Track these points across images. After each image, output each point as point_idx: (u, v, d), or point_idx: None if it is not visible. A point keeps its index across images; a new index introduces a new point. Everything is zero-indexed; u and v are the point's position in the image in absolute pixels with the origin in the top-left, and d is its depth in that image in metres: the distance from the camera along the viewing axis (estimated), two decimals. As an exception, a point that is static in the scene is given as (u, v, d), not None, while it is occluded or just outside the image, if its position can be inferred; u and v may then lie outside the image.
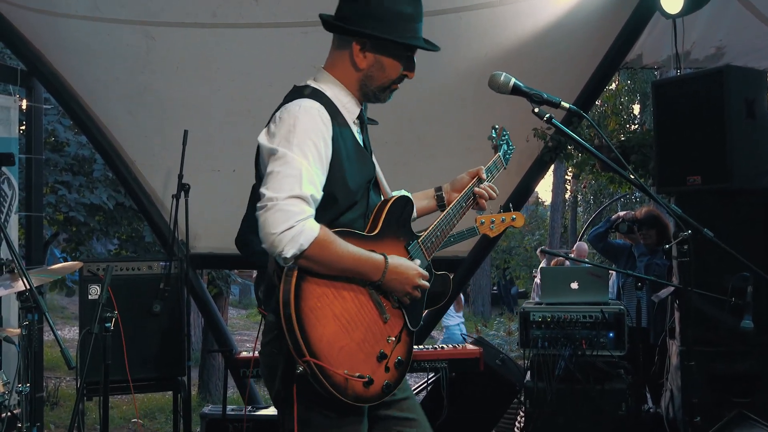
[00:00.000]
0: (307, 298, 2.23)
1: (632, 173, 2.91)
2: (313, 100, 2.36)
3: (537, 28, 5.33)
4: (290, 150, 2.24)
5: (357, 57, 2.45)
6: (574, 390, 4.67)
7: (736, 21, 5.97)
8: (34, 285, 3.14)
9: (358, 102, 2.52)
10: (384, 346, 2.38)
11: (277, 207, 2.16)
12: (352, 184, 2.40)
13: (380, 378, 2.34)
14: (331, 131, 2.34)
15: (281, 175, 2.21)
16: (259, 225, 2.19)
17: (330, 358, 2.22)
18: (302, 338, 2.18)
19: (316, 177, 2.27)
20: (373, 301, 2.38)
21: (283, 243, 2.15)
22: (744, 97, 4.39)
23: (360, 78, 2.48)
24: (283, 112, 2.34)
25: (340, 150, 2.36)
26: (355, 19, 2.43)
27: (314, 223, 2.22)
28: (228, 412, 4.88)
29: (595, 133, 5.51)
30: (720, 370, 4.34)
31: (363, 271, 2.33)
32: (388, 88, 2.52)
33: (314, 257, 2.21)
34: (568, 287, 5.08)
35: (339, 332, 2.26)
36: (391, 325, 2.43)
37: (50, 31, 5.77)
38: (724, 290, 3.81)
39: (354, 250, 2.30)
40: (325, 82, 2.49)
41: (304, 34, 5.33)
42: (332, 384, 2.21)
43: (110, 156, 6.44)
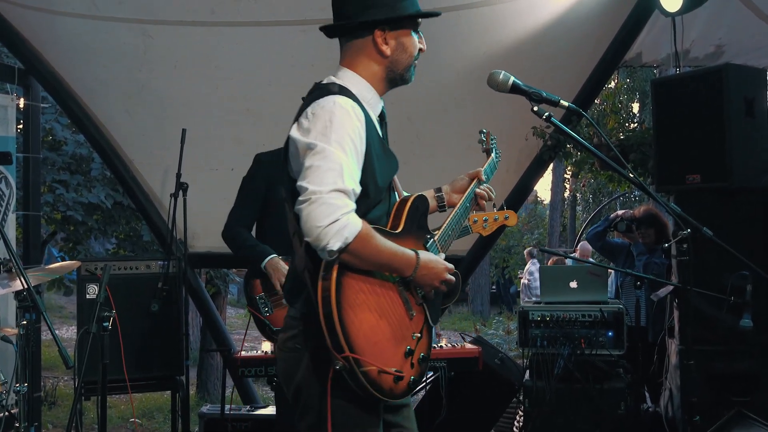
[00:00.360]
0: (347, 294, 2.25)
1: (631, 172, 2.91)
2: (345, 96, 2.38)
3: (536, 27, 5.33)
4: (329, 144, 2.24)
5: (381, 46, 2.47)
6: (573, 389, 4.68)
7: (735, 19, 5.97)
8: (31, 284, 3.14)
9: (379, 97, 2.55)
10: (410, 343, 2.41)
11: (321, 200, 2.17)
12: (381, 180, 2.44)
13: (408, 374, 2.38)
14: (365, 128, 2.37)
15: (322, 169, 2.22)
16: (302, 218, 2.20)
17: (366, 353, 2.24)
18: (342, 334, 2.20)
19: (355, 172, 2.29)
20: (401, 298, 2.42)
21: (329, 236, 2.15)
22: (744, 95, 4.39)
23: (386, 65, 2.51)
24: (316, 107, 2.34)
25: (371, 146, 2.39)
26: (362, 11, 2.46)
27: (357, 217, 2.23)
28: (226, 411, 4.88)
29: (594, 132, 5.52)
30: (719, 369, 4.35)
31: (397, 266, 2.36)
32: (411, 66, 2.55)
33: (356, 251, 2.22)
34: (567, 286, 5.08)
35: (374, 328, 2.30)
36: (416, 321, 2.46)
37: (48, 30, 5.76)
38: (723, 289, 3.82)
39: (391, 246, 2.32)
40: (348, 79, 2.49)
41: (303, 32, 5.34)
42: (367, 379, 2.24)
43: (108, 155, 6.43)
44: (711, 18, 5.85)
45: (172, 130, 5.40)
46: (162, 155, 6.10)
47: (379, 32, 2.46)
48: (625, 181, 5.94)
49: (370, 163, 2.37)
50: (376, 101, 2.53)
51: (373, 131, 2.44)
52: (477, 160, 3.11)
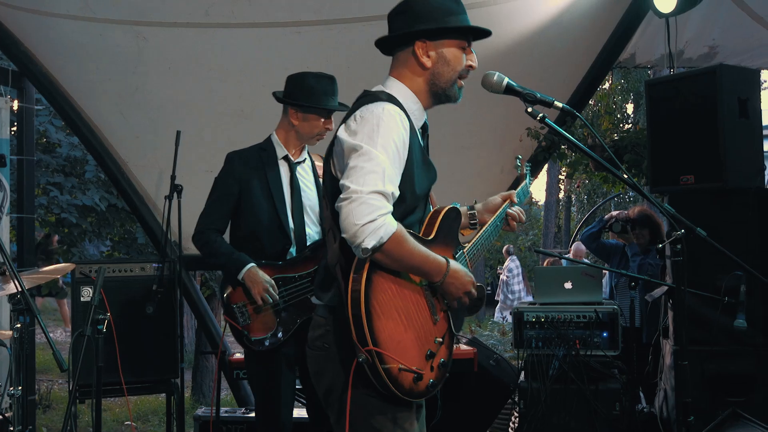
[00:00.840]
0: (376, 291, 2.34)
1: (626, 172, 2.93)
2: (393, 104, 2.47)
3: (530, 28, 5.34)
4: (374, 147, 2.34)
5: (422, 57, 2.56)
6: (568, 390, 4.68)
7: (729, 20, 5.99)
8: (25, 287, 3.13)
9: (424, 110, 2.64)
10: (432, 346, 2.47)
11: (362, 200, 2.26)
12: (419, 188, 2.53)
13: (427, 376, 2.44)
14: (409, 136, 2.45)
15: (365, 170, 2.31)
16: (341, 215, 2.29)
17: (389, 349, 2.32)
18: (368, 328, 2.28)
19: (395, 176, 2.38)
20: (427, 302, 2.49)
21: (365, 234, 2.24)
22: (737, 96, 4.40)
23: (428, 78, 2.59)
24: (365, 111, 2.43)
25: (412, 154, 2.47)
26: (408, 25, 2.56)
27: (393, 219, 2.32)
28: (221, 414, 4.87)
29: (588, 133, 5.52)
30: (713, 370, 4.36)
31: (427, 271, 2.42)
32: (455, 83, 2.61)
33: (390, 251, 2.31)
34: (561, 287, 5.09)
35: (398, 327, 2.37)
36: (439, 327, 2.53)
37: (41, 32, 5.76)
38: (717, 289, 3.83)
39: (423, 250, 2.40)
40: (395, 89, 2.59)
41: (297, 33, 5.34)
42: (388, 374, 2.31)
43: (102, 157, 6.43)
44: (705, 19, 5.87)
45: (167, 131, 5.39)
46: (156, 157, 6.09)
47: (420, 44, 2.56)
48: (619, 182, 5.94)
49: (410, 171, 2.46)
50: (421, 113, 2.63)
51: (416, 141, 2.52)
52: (471, 158, 3.15)
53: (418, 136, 2.57)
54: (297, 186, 3.77)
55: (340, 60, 5.42)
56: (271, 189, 3.70)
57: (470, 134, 5.77)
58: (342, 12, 5.21)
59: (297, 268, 3.66)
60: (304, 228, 3.73)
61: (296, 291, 3.64)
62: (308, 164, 3.89)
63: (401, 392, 2.35)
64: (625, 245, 6.53)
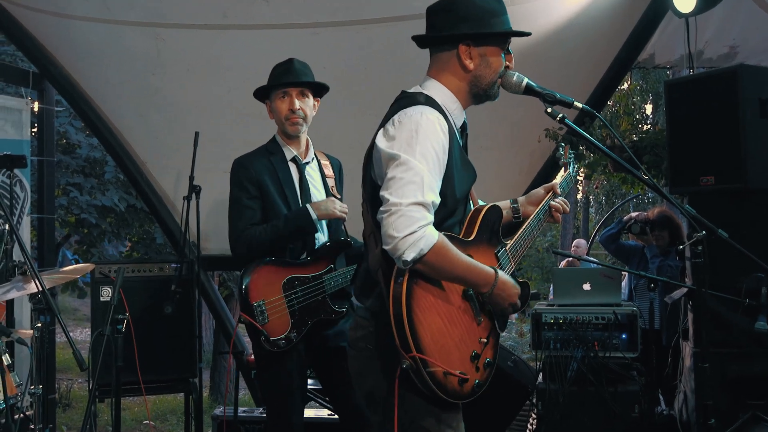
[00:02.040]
0: (417, 297, 2.32)
1: (645, 173, 2.90)
2: (432, 108, 2.45)
3: (549, 28, 5.32)
4: (413, 156, 2.32)
5: (465, 60, 2.55)
6: (586, 392, 4.66)
7: (749, 20, 5.95)
8: (46, 287, 3.15)
9: (463, 109, 2.63)
10: (476, 347, 2.47)
11: (401, 212, 2.26)
12: (459, 191, 2.51)
13: (473, 377, 2.44)
14: (448, 139, 2.43)
15: (404, 181, 2.30)
16: (382, 228, 2.29)
17: (433, 354, 2.31)
18: (411, 334, 2.27)
19: (435, 184, 2.37)
20: (470, 304, 2.47)
21: (405, 246, 2.24)
22: (758, 96, 4.36)
23: (470, 80, 2.58)
24: (403, 116, 2.41)
25: (453, 158, 2.46)
26: (452, 25, 2.54)
27: (434, 230, 2.31)
28: (240, 413, 4.89)
29: (607, 133, 5.49)
30: (734, 372, 4.32)
31: (474, 281, 2.42)
32: (495, 83, 2.61)
33: (431, 263, 2.30)
34: (580, 288, 5.07)
35: (441, 330, 2.36)
36: (483, 327, 2.52)
37: (61, 34, 5.80)
38: (738, 291, 3.80)
39: (467, 260, 2.39)
40: (434, 89, 2.57)
41: (314, 34, 5.35)
42: (433, 379, 2.31)
43: (121, 158, 6.46)
44: (725, 19, 5.83)
45: (185, 132, 5.42)
46: (175, 158, 6.11)
47: (464, 47, 2.54)
48: (638, 182, 5.90)
49: (450, 174, 2.45)
50: (460, 112, 2.61)
51: (455, 142, 2.50)
52: (491, 159, 3.14)
53: (457, 136, 2.55)
54: (306, 188, 3.74)
55: (356, 61, 5.42)
56: (285, 191, 3.68)
57: (488, 135, 5.74)
58: (358, 14, 5.21)
59: (309, 269, 3.65)
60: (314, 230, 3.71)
61: (310, 292, 3.62)
62: (315, 164, 3.86)
63: (447, 395, 2.35)
64: (644, 246, 6.49)
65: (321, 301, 3.64)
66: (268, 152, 3.76)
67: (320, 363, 3.75)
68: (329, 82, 3.94)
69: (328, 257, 3.69)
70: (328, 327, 3.68)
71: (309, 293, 3.62)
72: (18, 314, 5.59)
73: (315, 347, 3.67)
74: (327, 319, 3.66)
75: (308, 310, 3.61)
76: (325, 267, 3.67)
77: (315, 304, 3.63)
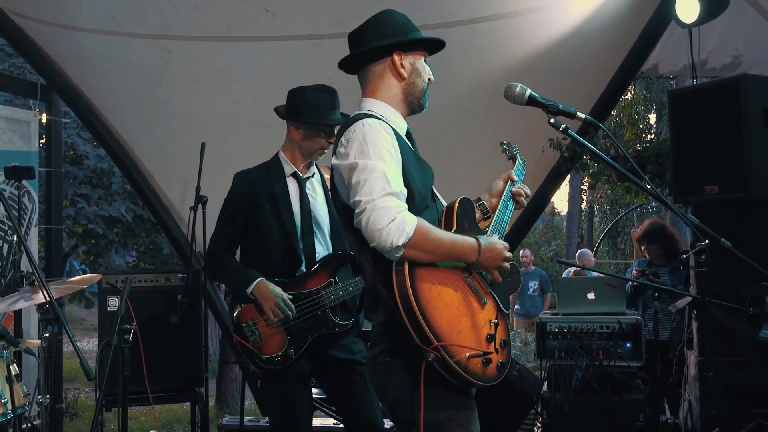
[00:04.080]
0: (422, 291, 2.35)
1: (649, 183, 2.91)
2: (372, 118, 2.54)
3: (552, 39, 5.34)
4: (369, 159, 2.41)
5: (399, 69, 2.64)
6: (591, 401, 4.65)
7: (752, 29, 5.95)
8: (53, 297, 3.16)
9: (404, 119, 2.70)
10: (489, 329, 2.51)
11: (376, 206, 2.33)
12: (422, 187, 2.58)
13: (495, 358, 2.48)
14: (396, 139, 2.52)
15: (369, 180, 2.38)
16: (363, 228, 2.35)
17: (452, 340, 2.35)
18: (427, 326, 2.30)
19: (398, 176, 2.44)
20: (471, 288, 2.51)
21: (391, 234, 2.30)
22: (761, 106, 4.36)
23: (404, 88, 2.68)
24: (348, 133, 2.51)
25: (405, 156, 2.53)
26: (378, 39, 2.65)
27: (411, 214, 2.37)
28: (245, 422, 4.88)
29: (611, 143, 5.50)
30: (738, 381, 4.31)
31: (461, 253, 2.46)
32: (425, 92, 2.71)
33: (418, 244, 2.34)
34: (584, 298, 5.06)
35: (454, 318, 2.39)
36: (489, 309, 2.56)
37: (69, 46, 5.83)
38: (741, 300, 3.79)
39: (450, 235, 2.47)
40: (371, 106, 2.66)
41: (318, 46, 5.36)
42: (459, 365, 2.33)
43: (128, 169, 6.48)
44: (727, 29, 5.83)
45: (191, 143, 5.43)
46: (181, 169, 6.13)
47: (398, 54, 2.63)
48: (642, 192, 5.91)
49: (408, 171, 2.51)
50: (402, 122, 2.68)
51: (404, 144, 2.58)
52: (493, 168, 3.15)
53: (405, 140, 2.62)
54: (307, 202, 3.71)
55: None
56: (280, 207, 3.65)
57: (493, 144, 5.75)
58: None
59: (306, 284, 3.60)
60: (314, 245, 3.67)
61: (307, 307, 3.57)
62: (317, 178, 3.84)
63: (476, 378, 2.38)
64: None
65: (321, 316, 3.58)
66: (269, 168, 3.77)
67: (327, 376, 3.72)
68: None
69: (327, 271, 3.64)
70: (333, 341, 3.63)
71: (305, 309, 3.57)
72: (26, 324, 5.60)
73: (320, 362, 3.63)
74: (330, 333, 3.60)
75: (307, 325, 3.56)
76: (325, 281, 3.61)
77: (314, 320, 3.57)
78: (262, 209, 3.66)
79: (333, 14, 5.20)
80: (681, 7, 4.81)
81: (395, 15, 2.70)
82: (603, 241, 16.10)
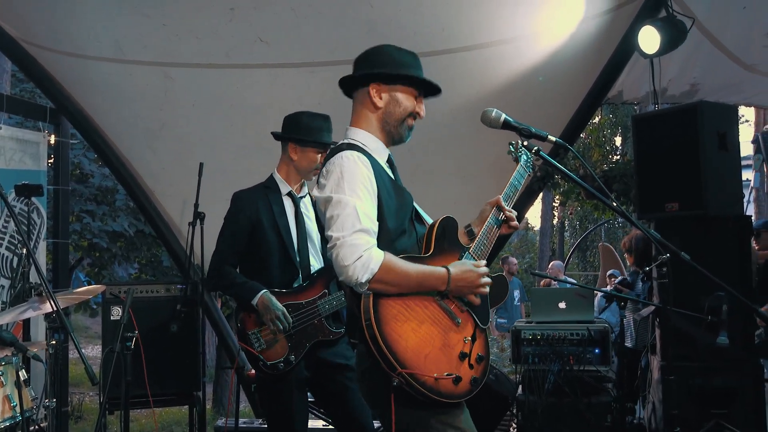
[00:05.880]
0: (386, 317, 2.33)
1: (615, 201, 2.93)
2: (351, 150, 2.51)
3: (526, 67, 5.37)
4: (343, 194, 2.40)
5: (374, 98, 2.62)
6: (562, 403, 4.66)
7: (708, 60, 6.01)
8: (60, 307, 3.14)
9: (384, 146, 2.67)
10: (463, 347, 2.45)
11: (346, 243, 2.32)
12: (398, 213, 2.54)
13: (467, 375, 2.42)
14: (372, 172, 2.49)
15: (341, 216, 2.37)
16: (333, 261, 2.35)
17: (419, 366, 2.30)
18: (390, 354, 2.27)
19: (371, 211, 2.43)
20: (443, 310, 2.45)
21: (357, 271, 2.29)
22: (717, 130, 4.41)
23: (380, 117, 2.64)
24: (329, 165, 2.50)
25: (381, 188, 2.50)
26: (368, 69, 2.64)
27: (379, 250, 2.35)
28: (240, 424, 4.85)
29: (580, 164, 5.54)
30: (698, 384, 4.33)
31: (430, 283, 2.42)
32: (404, 122, 2.65)
33: (384, 279, 2.32)
34: (556, 307, 5.07)
35: (421, 343, 2.34)
36: (464, 327, 2.49)
37: (77, 72, 5.81)
38: (700, 309, 3.81)
39: (418, 267, 2.41)
40: (354, 135, 2.64)
41: (311, 73, 5.38)
42: (425, 387, 2.30)
43: (131, 187, 6.46)
44: (686, 59, 5.89)
45: (191, 163, 5.42)
46: (181, 187, 6.11)
47: (374, 85, 2.62)
48: (609, 209, 5.94)
49: (382, 202, 2.48)
50: (382, 149, 2.66)
51: (383, 173, 2.55)
52: (471, 187, 3.15)
53: (384, 169, 2.60)
54: (302, 219, 3.76)
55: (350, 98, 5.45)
56: (278, 223, 3.68)
57: (472, 165, 5.78)
58: (352, 53, 5.20)
59: (303, 295, 3.63)
60: (308, 258, 3.72)
61: (304, 317, 3.60)
62: (308, 200, 3.88)
63: (445, 398, 2.34)
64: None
65: (317, 324, 3.61)
66: (266, 188, 3.80)
67: (321, 381, 3.71)
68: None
69: (321, 282, 3.69)
70: (327, 348, 3.66)
71: (303, 318, 3.60)
72: (34, 332, 5.56)
73: (316, 368, 3.64)
74: (325, 340, 3.63)
75: (305, 333, 3.59)
76: (320, 292, 3.66)
77: (311, 328, 3.61)
78: (263, 225, 3.68)
79: (324, 44, 5.22)
80: (643, 39, 4.86)
81: (391, 50, 2.67)
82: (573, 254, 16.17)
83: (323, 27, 5.09)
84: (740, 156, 4.80)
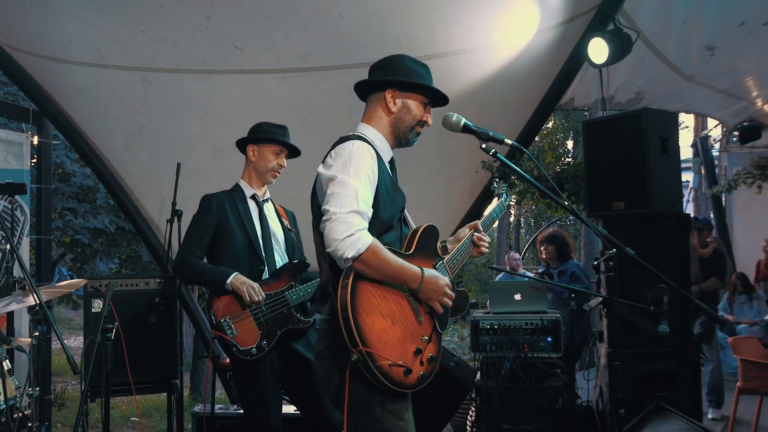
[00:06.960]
0: (361, 299, 2.36)
1: (566, 200, 2.95)
2: (362, 141, 2.55)
3: (484, 75, 5.40)
4: (348, 175, 2.42)
5: (389, 103, 2.66)
6: (518, 388, 4.69)
7: (652, 71, 6.11)
8: (43, 300, 3.10)
9: (390, 148, 2.71)
10: (419, 344, 2.48)
11: (340, 219, 2.33)
12: (390, 209, 2.58)
13: (417, 369, 2.44)
14: (377, 165, 2.53)
15: (341, 194, 2.38)
16: (324, 234, 2.36)
17: (378, 348, 2.33)
18: (356, 331, 2.30)
19: (369, 198, 2.46)
20: (410, 305, 2.49)
21: (345, 246, 2.31)
22: (659, 135, 4.48)
23: (392, 121, 2.69)
24: (339, 148, 2.52)
25: (381, 181, 2.54)
26: (384, 76, 2.67)
27: (368, 234, 2.38)
28: (216, 410, 4.82)
29: (534, 166, 5.58)
30: (641, 369, 4.40)
31: (404, 279, 2.45)
32: (414, 129, 2.70)
33: (368, 261, 2.34)
34: (512, 298, 5.11)
35: (385, 328, 2.38)
36: (425, 326, 2.53)
37: (59, 76, 5.72)
38: (644, 300, 3.88)
39: (398, 260, 2.44)
40: (365, 131, 2.67)
41: (282, 78, 5.35)
42: (379, 370, 2.32)
43: (111, 186, 6.38)
44: (632, 69, 5.98)
45: (168, 163, 5.37)
46: (159, 186, 6.06)
47: (390, 90, 2.65)
48: (561, 207, 6.00)
49: (379, 194, 2.52)
50: (388, 150, 2.70)
51: (384, 170, 2.59)
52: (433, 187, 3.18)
53: (386, 166, 2.63)
54: (265, 219, 3.81)
55: (319, 102, 5.44)
56: (244, 221, 3.73)
57: (434, 167, 5.79)
58: (322, 61, 5.24)
59: (271, 287, 3.66)
60: (273, 254, 3.76)
61: (275, 305, 3.62)
62: (271, 205, 3.93)
63: (394, 385, 2.36)
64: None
65: (287, 314, 3.65)
66: (232, 191, 3.87)
67: (291, 371, 3.70)
68: (295, 122, 4.03)
69: (288, 276, 3.73)
70: (297, 337, 3.69)
71: (273, 307, 3.62)
72: (18, 324, 5.47)
73: (285, 354, 3.65)
74: (295, 328, 3.66)
75: (275, 321, 3.61)
76: (287, 284, 3.70)
77: (281, 317, 3.63)
78: (230, 223, 3.72)
79: (295, 51, 5.20)
80: (593, 50, 4.91)
81: (406, 59, 2.71)
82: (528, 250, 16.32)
83: (294, 35, 5.07)
84: (680, 159, 4.88)
